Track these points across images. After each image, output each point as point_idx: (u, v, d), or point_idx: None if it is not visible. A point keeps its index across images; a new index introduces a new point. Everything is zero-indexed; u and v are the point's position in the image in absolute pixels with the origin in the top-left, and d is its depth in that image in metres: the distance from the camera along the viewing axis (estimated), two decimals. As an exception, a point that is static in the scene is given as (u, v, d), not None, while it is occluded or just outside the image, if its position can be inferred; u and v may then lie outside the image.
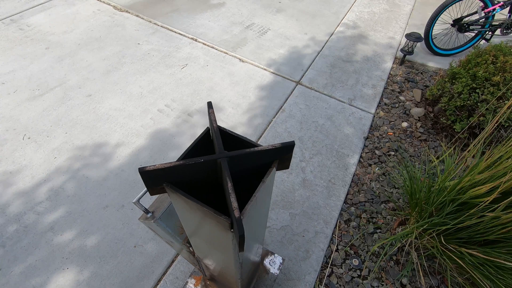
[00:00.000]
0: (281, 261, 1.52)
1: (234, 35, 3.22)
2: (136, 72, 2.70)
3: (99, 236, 1.71)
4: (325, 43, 3.28)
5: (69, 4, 3.43)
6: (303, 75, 2.86)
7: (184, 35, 3.17)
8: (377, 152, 2.30)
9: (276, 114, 2.48)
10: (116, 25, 3.20)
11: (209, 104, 0.70)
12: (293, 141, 0.66)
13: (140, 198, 1.06)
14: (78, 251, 1.64)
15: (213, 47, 3.05)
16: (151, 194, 0.64)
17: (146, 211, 1.07)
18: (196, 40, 3.12)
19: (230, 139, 0.71)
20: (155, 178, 0.58)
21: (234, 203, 0.53)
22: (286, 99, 2.61)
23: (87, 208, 1.81)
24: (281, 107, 2.54)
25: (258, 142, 2.25)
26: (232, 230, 0.59)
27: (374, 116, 2.56)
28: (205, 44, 3.08)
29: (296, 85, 2.75)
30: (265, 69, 2.88)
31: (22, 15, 3.21)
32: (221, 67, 2.84)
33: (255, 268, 1.38)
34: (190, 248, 1.10)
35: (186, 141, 2.21)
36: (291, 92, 2.68)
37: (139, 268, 1.60)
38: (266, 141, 2.26)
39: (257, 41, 3.19)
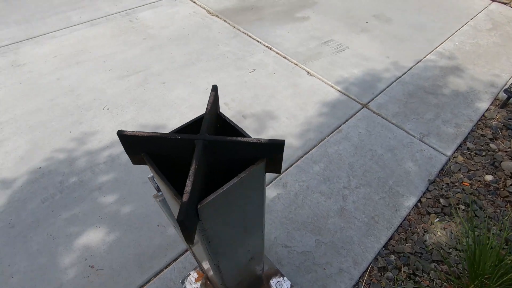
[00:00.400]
0: (289, 286, 1.37)
1: (309, 49, 3.18)
2: (209, 69, 2.89)
3: (133, 206, 1.84)
4: (409, 69, 2.96)
5: (172, 5, 3.91)
6: (373, 99, 2.62)
7: (261, 43, 3.27)
8: (442, 201, 1.92)
9: (331, 133, 2.32)
10: (204, 27, 3.51)
11: (214, 87, 0.66)
12: (284, 140, 0.57)
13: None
14: (113, 215, 1.79)
15: (285, 57, 3.06)
16: (133, 163, 0.63)
17: (158, 189, 1.09)
18: (270, 49, 3.18)
19: (229, 129, 0.66)
20: (132, 145, 0.58)
21: (188, 187, 0.47)
22: (346, 120, 2.42)
23: (131, 179, 1.98)
24: (339, 127, 2.37)
25: (304, 158, 2.13)
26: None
27: (449, 160, 2.16)
28: (278, 53, 3.11)
29: (362, 108, 2.54)
30: (331, 86, 2.74)
31: (135, 10, 3.80)
32: (287, 77, 2.82)
33: (254, 282, 1.27)
34: (187, 238, 1.07)
35: (233, 140, 2.24)
36: (354, 114, 2.47)
37: (155, 247, 1.65)
38: (313, 158, 2.12)
39: (332, 57, 3.08)
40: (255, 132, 2.30)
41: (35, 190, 1.91)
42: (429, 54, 3.18)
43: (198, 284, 1.39)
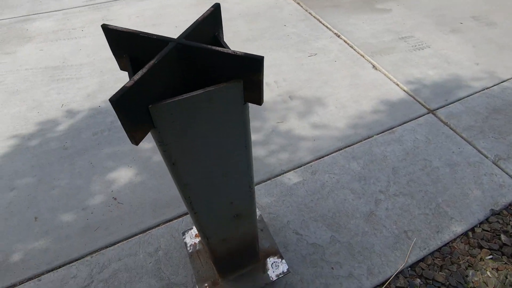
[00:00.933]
0: (285, 270, 1.27)
1: (382, 42, 2.88)
2: (268, 47, 2.84)
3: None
4: (502, 82, 2.46)
5: (251, -16, 3.94)
6: (444, 106, 2.25)
7: (329, 29, 3.08)
8: (503, 238, 1.56)
9: (382, 133, 2.06)
10: (276, 7, 3.46)
11: (215, 4, 0.60)
12: (262, 56, 0.47)
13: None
14: (144, 160, 1.91)
15: (351, 47, 2.83)
16: (120, 68, 0.62)
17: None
18: (339, 36, 2.97)
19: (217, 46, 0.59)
20: (116, 43, 0.56)
21: (137, 76, 0.43)
22: (404, 123, 2.13)
23: (168, 133, 2.07)
24: (393, 128, 2.10)
25: (343, 151, 1.95)
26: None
27: (528, 193, 1.73)
28: (345, 42, 2.89)
29: (427, 113, 2.20)
30: (397, 84, 2.44)
31: (215, -15, 3.95)
32: (349, 67, 2.60)
33: (247, 253, 1.20)
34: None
35: (273, 117, 2.16)
36: (415, 118, 2.16)
37: (172, 198, 1.70)
38: (353, 153, 1.93)
39: (406, 54, 2.73)
40: (299, 114, 2.19)
41: (90, 124, 2.14)
42: (535, 68, 2.59)
43: (198, 240, 1.38)
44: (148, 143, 2.01)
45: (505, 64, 2.64)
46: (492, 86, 2.43)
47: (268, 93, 2.36)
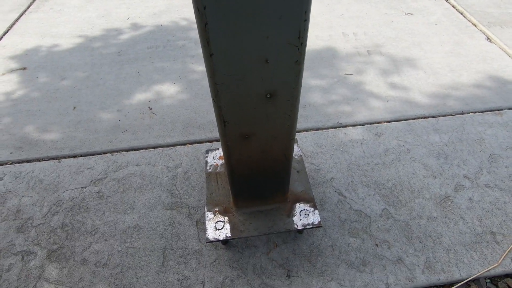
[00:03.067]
0: (316, 222, 0.98)
1: (505, 13, 2.24)
2: (355, -1, 2.43)
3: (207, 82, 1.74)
4: None
5: None
6: None
7: (436, -9, 2.51)
8: None
9: (483, 112, 1.57)
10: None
11: None
12: None
13: None
14: (189, 80, 1.76)
15: (462, 13, 2.26)
16: None
17: None
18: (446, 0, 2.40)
19: None
20: None
21: None
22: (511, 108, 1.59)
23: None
24: (500, 109, 1.58)
25: (423, 120, 1.52)
26: None
27: None
28: (453, 7, 2.32)
29: (557, 103, 1.61)
30: (517, 62, 1.85)
31: None
32: (452, 33, 2.07)
33: (269, 171, 0.94)
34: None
35: (343, 68, 1.81)
36: (537, 105, 1.60)
37: (206, 122, 1.52)
38: (437, 126, 1.50)
39: (539, 31, 2.07)
40: (376, 70, 1.80)
41: (148, 38, 2.06)
42: None
43: (220, 162, 1.16)
44: (198, 65, 1.85)
45: None
46: None
47: (341, 43, 2.00)
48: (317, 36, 2.07)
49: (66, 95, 1.67)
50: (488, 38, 2.04)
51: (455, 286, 1.00)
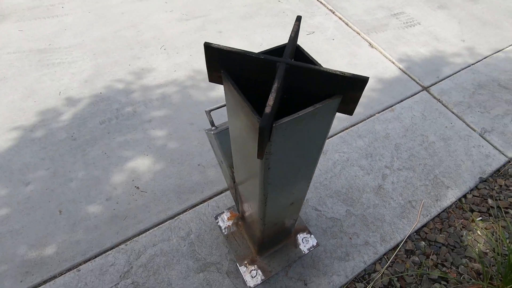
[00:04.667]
0: (315, 244, 1.42)
1: (375, 19, 2.94)
2: (266, 25, 2.80)
3: (178, 143, 1.94)
4: (484, 58, 2.65)
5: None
6: (435, 83, 2.41)
7: (324, 5, 3.07)
8: (490, 201, 1.80)
9: (382, 111, 2.20)
10: (268, -20, 3.35)
11: (298, 18, 0.64)
12: (368, 76, 0.54)
13: (212, 110, 1.12)
14: (160, 147, 1.92)
15: (347, 24, 2.87)
16: (210, 80, 0.65)
17: (212, 123, 1.14)
18: (333, 12, 2.99)
19: (302, 58, 0.65)
20: (214, 59, 0.59)
21: (271, 101, 0.48)
22: (402, 100, 2.28)
23: (179, 118, 2.07)
24: (392, 106, 2.24)
25: (349, 130, 2.07)
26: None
27: (509, 162, 1.98)
28: (340, 19, 2.92)
29: (421, 91, 2.36)
30: (392, 62, 2.55)
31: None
32: (346, 45, 2.66)
33: (281, 234, 1.32)
34: (233, 174, 1.12)
35: (280, 100, 2.21)
36: (411, 96, 2.31)
37: (194, 183, 1.76)
38: (358, 132, 2.06)
39: (399, 31, 2.83)
40: (303, 95, 2.25)
41: (95, 112, 2.08)
42: (513, 44, 2.80)
43: (230, 222, 1.48)
44: (160, 130, 2.01)
45: (487, 40, 2.82)
46: (476, 63, 2.62)
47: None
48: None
49: (42, 201, 1.67)
50: (370, 44, 2.70)
51: (399, 246, 1.60)
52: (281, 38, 2.68)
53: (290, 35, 0.61)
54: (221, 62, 0.59)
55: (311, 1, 3.12)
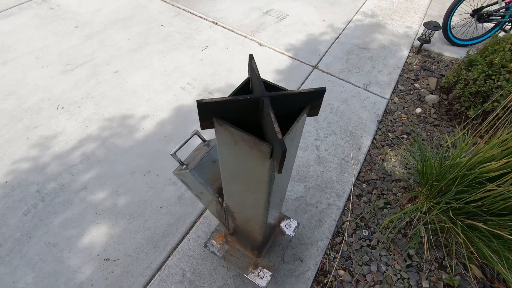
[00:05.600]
0: (297, 224, 1.63)
1: (253, 20, 3.30)
2: (160, 51, 2.82)
3: (128, 197, 1.85)
4: (343, 30, 3.33)
5: (95, -14, 3.55)
6: (320, 60, 2.93)
7: (204, 19, 3.26)
8: (390, 135, 2.37)
9: (293, 96, 2.56)
10: (140, 7, 3.32)
11: (251, 56, 0.80)
12: (325, 87, 0.75)
13: (176, 151, 1.18)
14: (110, 209, 1.79)
15: (232, 31, 3.14)
16: (202, 128, 0.75)
17: (181, 163, 1.19)
18: (216, 24, 3.21)
19: (267, 87, 0.81)
20: (207, 111, 0.69)
21: (277, 129, 0.63)
22: (303, 82, 2.69)
23: (116, 172, 1.96)
24: (299, 88, 2.63)
25: (275, 121, 2.35)
26: (271, 157, 0.70)
27: (389, 102, 2.62)
28: (225, 28, 3.17)
29: (313, 70, 2.83)
30: (283, 53, 2.96)
31: (51, -5, 3.35)
32: (240, 50, 2.93)
33: (272, 229, 1.49)
34: (219, 199, 1.22)
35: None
36: (308, 76, 2.76)
37: (165, 227, 1.74)
38: (283, 120, 2.36)
39: (276, 26, 3.26)
40: (225, 106, 2.42)
41: (11, 205, 1.77)
42: (356, 14, 3.60)
43: (220, 243, 1.55)
44: (101, 191, 1.87)
45: (338, 16, 3.54)
46: (338, 36, 3.27)
47: (188, 97, 2.46)
48: (166, 101, 2.41)
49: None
50: (259, 44, 3.04)
51: (351, 196, 1.97)
52: (182, 61, 2.75)
53: (254, 72, 0.76)
54: (213, 111, 0.70)
55: (191, 18, 3.26)
